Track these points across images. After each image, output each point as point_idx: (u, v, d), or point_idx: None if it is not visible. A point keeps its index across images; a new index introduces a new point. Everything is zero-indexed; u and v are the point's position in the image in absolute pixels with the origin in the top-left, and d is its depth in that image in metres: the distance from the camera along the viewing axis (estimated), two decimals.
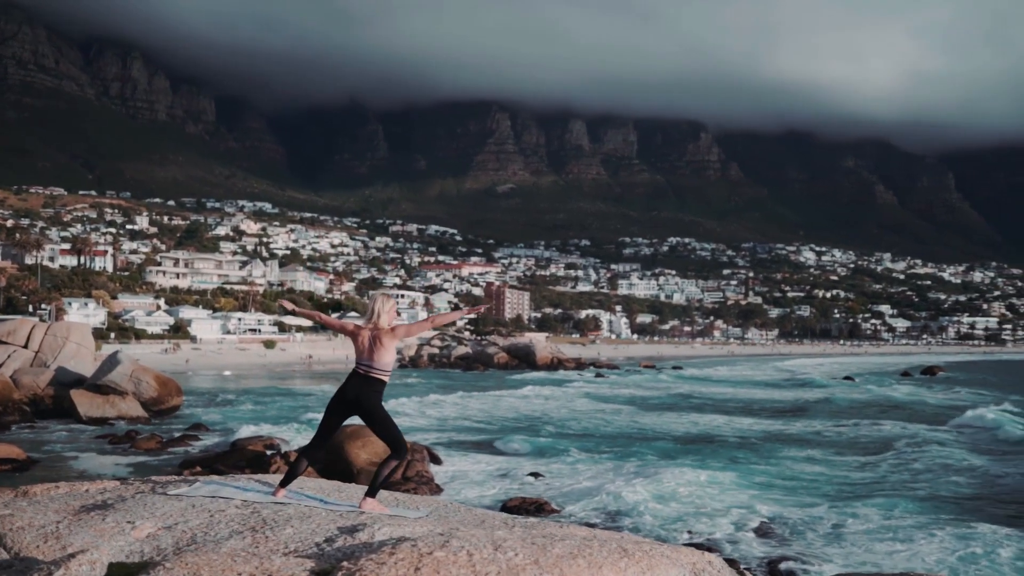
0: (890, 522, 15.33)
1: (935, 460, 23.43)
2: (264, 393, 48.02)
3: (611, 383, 64.07)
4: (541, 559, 3.78)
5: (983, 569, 12.40)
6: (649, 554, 4.15)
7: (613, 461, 22.95)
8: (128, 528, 4.49)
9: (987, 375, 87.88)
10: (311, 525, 4.64)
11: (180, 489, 5.52)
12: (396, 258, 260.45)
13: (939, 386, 65.90)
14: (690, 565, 4.30)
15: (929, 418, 36.10)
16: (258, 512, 4.94)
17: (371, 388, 5.67)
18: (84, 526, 4.46)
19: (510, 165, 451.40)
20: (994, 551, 13.16)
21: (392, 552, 3.66)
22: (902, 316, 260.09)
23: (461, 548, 3.75)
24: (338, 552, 4.10)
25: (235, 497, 5.34)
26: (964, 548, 13.38)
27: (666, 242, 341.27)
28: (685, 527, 15.02)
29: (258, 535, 4.42)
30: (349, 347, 31.07)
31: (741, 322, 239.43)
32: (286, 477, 5.71)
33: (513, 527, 4.96)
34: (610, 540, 4.35)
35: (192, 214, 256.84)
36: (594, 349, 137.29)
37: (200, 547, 4.21)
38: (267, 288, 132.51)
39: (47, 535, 4.27)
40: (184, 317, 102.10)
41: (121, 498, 5.16)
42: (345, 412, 5.73)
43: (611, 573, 3.82)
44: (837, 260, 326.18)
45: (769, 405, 44.56)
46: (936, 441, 27.47)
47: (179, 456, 23.22)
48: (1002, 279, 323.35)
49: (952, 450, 25.39)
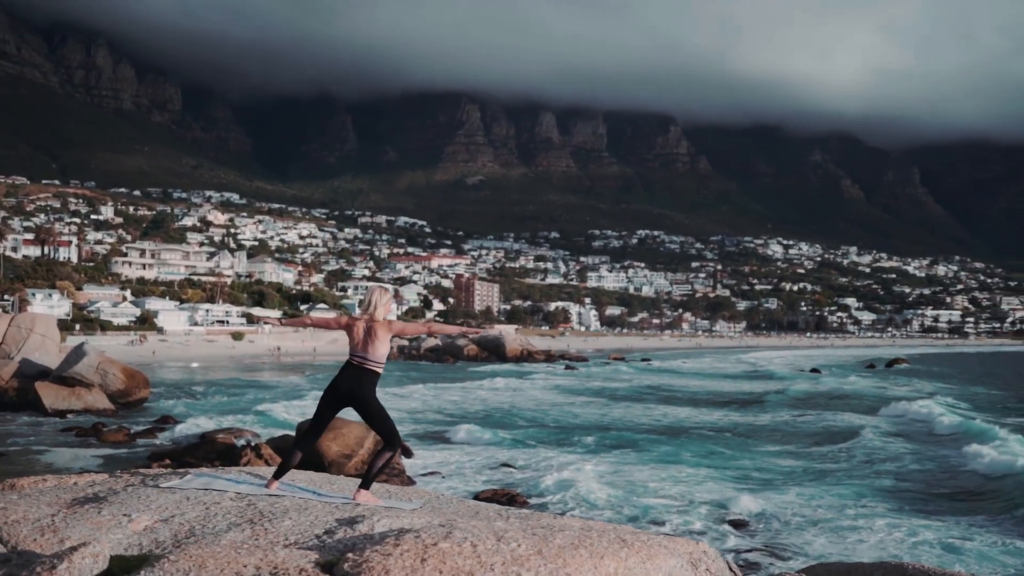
0: (833, 512, 15.71)
1: (876, 450, 24.11)
2: (232, 385, 47.73)
3: (580, 375, 64.34)
4: (544, 549, 3.82)
5: (920, 555, 12.66)
6: (647, 544, 4.21)
7: (584, 453, 23.17)
8: (125, 521, 4.45)
9: (949, 367, 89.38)
10: (309, 517, 4.63)
11: (172, 482, 5.50)
12: (365, 250, 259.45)
13: (902, 378, 66.86)
14: (687, 555, 4.38)
15: (874, 410, 36.67)
16: (254, 504, 4.93)
17: (365, 380, 5.66)
18: (80, 519, 4.42)
19: (480, 157, 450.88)
20: (936, 537, 13.71)
21: (397, 543, 3.67)
22: (868, 309, 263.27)
23: (465, 539, 3.78)
24: (339, 544, 4.10)
25: (229, 489, 5.31)
26: (910, 536, 13.83)
27: (635, 235, 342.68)
28: (654, 518, 15.14)
29: (257, 527, 4.40)
30: (318, 339, 31.28)
31: (709, 315, 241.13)
32: (279, 469, 5.69)
33: (509, 518, 5.00)
34: (607, 531, 4.40)
35: (158, 204, 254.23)
36: (563, 341, 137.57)
37: (199, 540, 4.18)
38: (235, 279, 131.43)
39: (44, 528, 4.23)
40: (151, 308, 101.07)
41: (113, 491, 5.10)
42: (339, 404, 5.72)
43: (612, 563, 3.86)
44: (804, 253, 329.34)
45: (729, 397, 45.04)
46: (878, 431, 28.12)
47: (147, 449, 23.00)
48: (965, 273, 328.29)
49: (889, 440, 26.09)
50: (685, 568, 4.25)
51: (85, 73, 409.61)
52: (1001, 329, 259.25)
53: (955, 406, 37.30)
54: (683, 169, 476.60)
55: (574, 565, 3.76)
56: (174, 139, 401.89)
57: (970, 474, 20.11)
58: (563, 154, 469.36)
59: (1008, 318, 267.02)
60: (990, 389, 54.36)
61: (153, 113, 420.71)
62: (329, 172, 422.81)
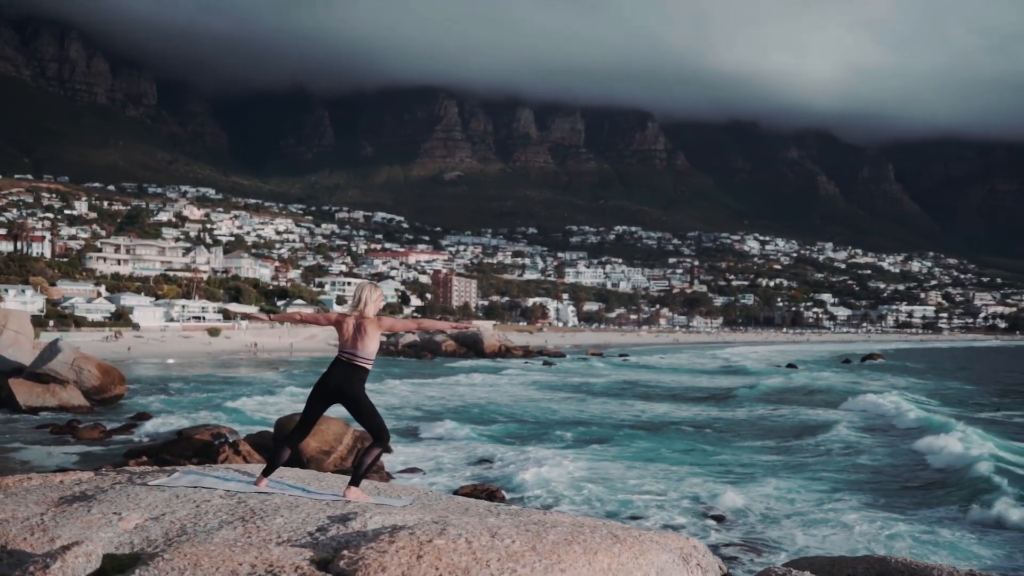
0: (808, 505, 15.95)
1: (844, 444, 24.51)
2: (209, 381, 47.44)
3: (558, 371, 64.48)
4: (538, 545, 3.83)
5: (893, 547, 12.82)
6: (639, 540, 4.23)
7: (562, 448, 23.26)
8: (115, 520, 4.42)
9: (924, 363, 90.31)
10: (301, 514, 4.62)
11: (160, 480, 5.46)
12: (342, 245, 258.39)
13: (876, 373, 67.45)
14: (678, 550, 4.42)
15: (843, 404, 37.15)
16: (244, 502, 4.90)
17: (354, 376, 5.62)
18: (70, 518, 4.39)
19: (457, 152, 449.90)
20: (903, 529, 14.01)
21: (392, 540, 3.68)
22: (843, 304, 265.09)
23: (459, 536, 3.79)
24: (332, 541, 4.09)
25: (218, 487, 5.28)
26: (882, 528, 14.09)
27: (613, 230, 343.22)
28: (633, 513, 15.21)
29: (249, 525, 4.38)
30: (294, 335, 31.15)
31: (686, 310, 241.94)
32: (268, 466, 5.68)
33: (499, 514, 5.00)
34: (599, 527, 4.41)
35: (133, 199, 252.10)
36: (541, 337, 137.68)
37: (191, 538, 4.16)
38: (211, 275, 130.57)
39: (33, 527, 4.19)
40: (126, 304, 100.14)
41: (100, 489, 5.07)
42: (328, 400, 5.70)
43: (606, 559, 3.88)
44: (780, 249, 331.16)
45: (705, 392, 45.35)
46: (846, 425, 28.46)
47: (124, 445, 22.80)
48: (939, 268, 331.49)
49: (856, 434, 26.50)
50: (677, 563, 4.28)
51: (59, 67, 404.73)
52: (974, 324, 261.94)
53: (926, 403, 37.72)
54: (660, 165, 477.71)
55: (568, 561, 3.77)
56: (149, 134, 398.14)
57: (928, 467, 20.50)
58: (541, 150, 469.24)
59: (981, 313, 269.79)
60: (964, 384, 54.99)
61: (128, 107, 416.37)
62: (306, 167, 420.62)
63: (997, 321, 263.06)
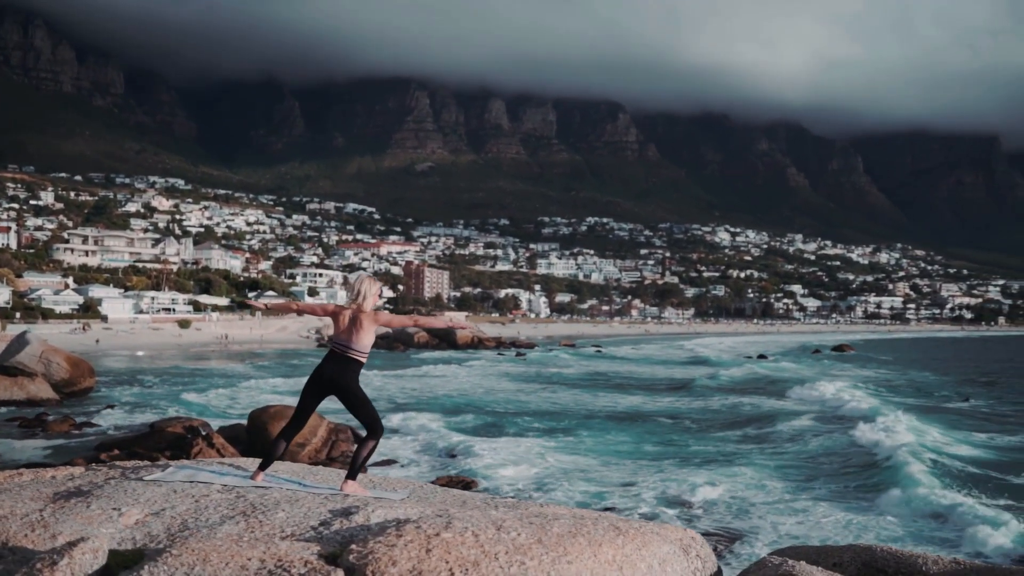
0: (772, 495, 16.32)
1: (795, 433, 25.05)
2: (179, 373, 47.12)
3: (531, 362, 64.69)
4: (543, 538, 3.85)
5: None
6: (641, 531, 4.28)
7: (535, 439, 23.47)
8: (115, 515, 4.37)
9: (893, 353, 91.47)
10: (302, 509, 4.60)
11: (155, 475, 5.40)
12: (313, 236, 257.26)
13: (847, 364, 68.20)
14: (678, 541, 4.47)
15: (799, 395, 37.80)
16: (243, 497, 4.87)
17: (348, 368, 5.59)
18: (68, 514, 4.33)
19: (429, 143, 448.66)
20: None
21: (399, 534, 3.68)
22: (813, 296, 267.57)
23: (466, 529, 3.80)
24: (336, 535, 4.06)
25: (215, 482, 5.25)
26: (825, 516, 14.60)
27: (584, 222, 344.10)
28: (606, 505, 15.28)
29: (251, 520, 4.35)
30: (265, 327, 30.95)
31: (658, 301, 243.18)
32: (264, 461, 5.65)
33: (498, 507, 5.00)
34: (600, 519, 4.45)
35: (101, 190, 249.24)
36: (514, 328, 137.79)
37: (194, 533, 4.12)
38: (181, 266, 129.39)
39: (33, 523, 4.13)
40: (94, 296, 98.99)
41: (95, 485, 5.01)
42: (321, 392, 5.67)
43: (610, 550, 3.92)
44: (751, 241, 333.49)
45: (676, 383, 45.79)
46: (795, 414, 29.15)
47: (95, 439, 22.60)
48: (907, 260, 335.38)
49: (805, 423, 27.09)
50: (677, 554, 4.33)
51: (23, 54, 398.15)
52: (941, 315, 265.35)
53: (886, 395, 38.30)
54: (632, 157, 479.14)
55: (574, 553, 3.80)
56: (116, 123, 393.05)
57: (859, 454, 20.97)
58: (513, 141, 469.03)
59: (947, 304, 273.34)
60: (935, 375, 55.85)
61: (95, 96, 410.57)
62: (276, 158, 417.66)
63: (963, 312, 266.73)
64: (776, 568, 4.47)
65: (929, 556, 5.90)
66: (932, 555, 5.89)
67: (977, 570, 5.66)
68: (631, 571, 3.94)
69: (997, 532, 12.93)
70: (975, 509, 14.25)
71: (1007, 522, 13.35)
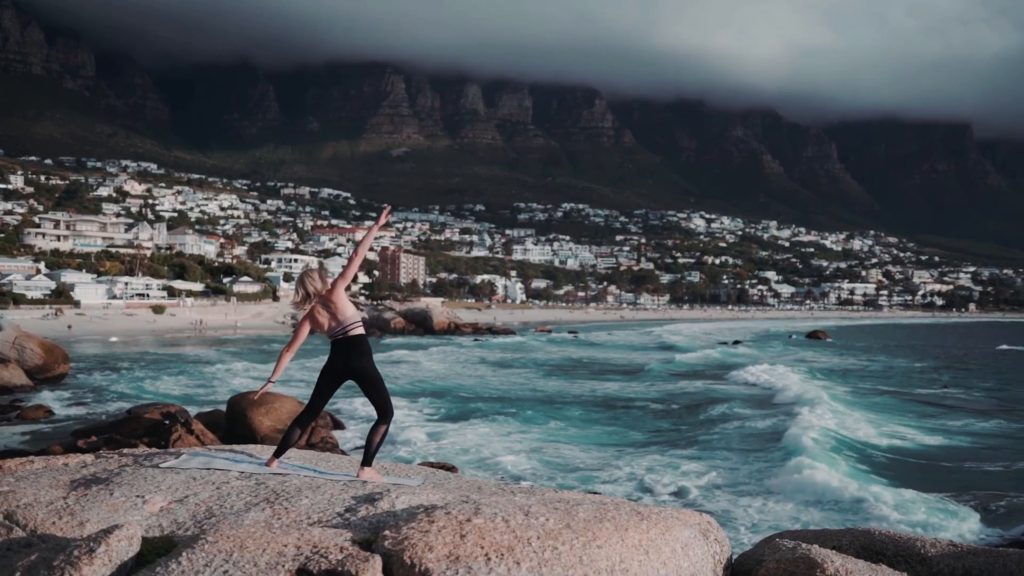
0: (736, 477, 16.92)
1: (720, 416, 25.91)
2: (155, 359, 46.87)
3: (507, 348, 64.89)
4: (571, 523, 3.90)
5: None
6: (662, 516, 4.35)
7: (512, 424, 23.71)
8: (140, 503, 4.37)
9: (867, 340, 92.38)
10: (325, 495, 4.61)
11: (170, 462, 5.38)
12: (288, 222, 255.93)
13: (821, 350, 68.78)
14: (696, 525, 4.56)
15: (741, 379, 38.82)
16: (263, 483, 4.87)
17: (357, 349, 5.56)
18: (92, 501, 4.32)
19: (404, 128, 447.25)
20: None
21: (431, 520, 3.71)
22: (787, 282, 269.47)
23: (496, 515, 3.83)
24: (364, 522, 4.07)
25: (231, 469, 5.25)
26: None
27: (560, 208, 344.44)
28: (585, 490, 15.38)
29: (276, 507, 4.36)
30: (241, 313, 30.77)
31: (633, 287, 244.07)
32: (280, 447, 5.64)
33: (516, 493, 5.02)
34: (621, 505, 4.51)
35: (72, 174, 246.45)
36: (490, 314, 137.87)
37: (221, 520, 4.13)
38: (155, 251, 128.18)
39: (59, 511, 4.12)
40: (67, 281, 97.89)
41: (112, 472, 4.97)
42: (339, 380, 5.64)
43: (636, 535, 3.99)
44: (726, 227, 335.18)
45: (622, 367, 46.70)
46: (729, 398, 30.08)
47: (71, 425, 22.49)
48: (879, 247, 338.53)
49: (733, 405, 28.06)
50: (697, 538, 4.42)
51: None
52: (913, 302, 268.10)
53: (844, 384, 38.71)
54: (608, 143, 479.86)
55: (603, 537, 3.86)
56: (87, 106, 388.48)
57: (774, 437, 21.42)
58: (489, 126, 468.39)
59: (919, 291, 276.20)
60: (912, 362, 56.66)
61: (65, 79, 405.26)
62: (250, 142, 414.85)
63: (935, 299, 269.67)
64: (792, 551, 4.47)
65: (927, 539, 5.95)
66: (929, 538, 5.94)
67: (974, 552, 5.71)
68: (656, 555, 4.01)
69: (870, 519, 13.30)
70: (864, 496, 14.70)
71: (882, 501, 14.10)
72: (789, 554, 4.36)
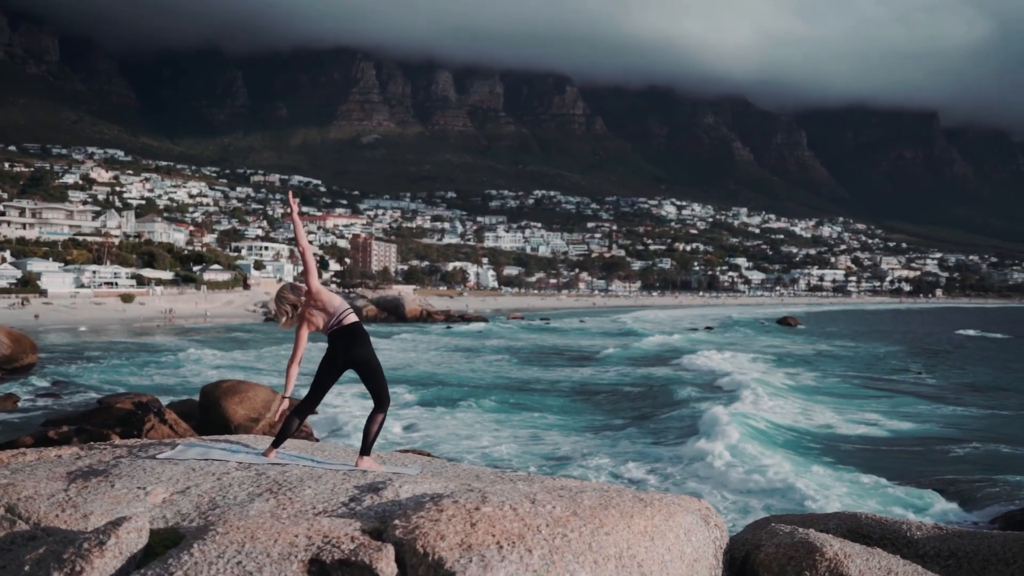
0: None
1: (664, 399, 26.67)
2: (124, 348, 46.41)
3: (480, 335, 65.04)
4: (578, 511, 3.94)
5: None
6: (665, 503, 4.41)
7: (486, 412, 23.80)
8: (141, 494, 4.36)
9: (839, 326, 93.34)
10: (327, 485, 4.61)
11: (166, 452, 5.36)
12: (258, 209, 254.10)
13: (794, 336, 69.37)
14: (697, 511, 4.64)
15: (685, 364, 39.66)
16: (264, 474, 4.86)
17: (354, 339, 5.58)
18: (94, 493, 4.30)
19: (375, 115, 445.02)
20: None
21: (440, 509, 3.73)
22: (757, 269, 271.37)
23: (503, 503, 3.87)
24: (370, 511, 4.07)
25: (229, 459, 5.23)
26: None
27: (532, 195, 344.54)
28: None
29: (280, 497, 4.37)
30: (211, 302, 30.65)
31: (605, 274, 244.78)
32: (278, 437, 5.62)
33: (517, 481, 5.04)
34: (623, 492, 4.57)
35: (36, 161, 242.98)
36: (462, 301, 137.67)
37: (226, 511, 4.14)
38: (123, 240, 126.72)
39: (62, 504, 4.09)
40: (33, 270, 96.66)
41: (108, 464, 4.93)
42: (339, 370, 5.67)
43: (641, 521, 4.05)
44: (697, 214, 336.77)
45: (579, 353, 47.68)
46: (677, 383, 30.84)
47: (40, 415, 22.25)
48: (848, 234, 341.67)
49: (677, 389, 28.81)
50: (699, 523, 4.49)
51: None
52: (881, 288, 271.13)
53: (797, 369, 39.36)
54: (579, 130, 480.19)
55: (610, 524, 3.91)
56: (52, 92, 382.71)
57: (695, 420, 21.79)
58: (460, 113, 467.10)
59: (887, 277, 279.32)
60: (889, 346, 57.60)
61: (28, 63, 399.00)
62: (219, 129, 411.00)
63: (902, 285, 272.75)
64: (791, 535, 4.49)
65: (912, 522, 6.02)
66: (915, 521, 6.01)
67: (959, 535, 5.76)
68: (661, 541, 4.07)
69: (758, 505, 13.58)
70: (771, 476, 15.15)
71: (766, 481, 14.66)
72: (788, 538, 4.38)
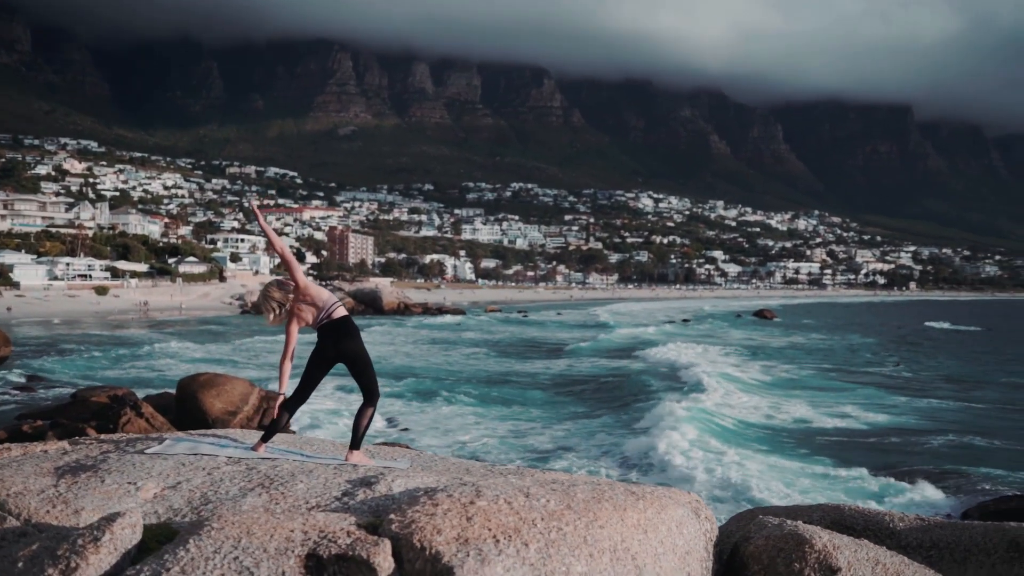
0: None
1: (627, 389, 27.31)
2: (99, 341, 45.97)
3: (458, 328, 65.08)
4: (572, 504, 3.96)
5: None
6: (656, 496, 4.45)
7: (464, 405, 23.88)
8: (132, 489, 4.33)
9: (816, 319, 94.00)
10: (319, 480, 4.59)
11: (154, 447, 5.30)
12: (234, 201, 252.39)
13: (770, 328, 69.81)
14: (688, 504, 4.67)
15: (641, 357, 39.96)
16: (255, 468, 4.83)
17: (344, 333, 5.56)
18: (85, 489, 4.27)
19: (352, 107, 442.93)
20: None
21: (436, 503, 3.74)
22: (734, 261, 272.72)
23: (498, 497, 3.87)
24: (363, 506, 4.07)
25: (218, 454, 5.19)
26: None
27: (509, 187, 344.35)
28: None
29: (272, 492, 4.35)
30: (186, 294, 30.60)
31: (582, 267, 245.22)
32: (267, 432, 5.57)
33: (508, 475, 5.03)
34: (615, 485, 4.59)
35: (8, 151, 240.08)
36: (440, 294, 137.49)
37: (218, 506, 4.12)
38: (97, 232, 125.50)
39: (52, 499, 4.08)
40: (5, 262, 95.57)
41: (96, 459, 4.87)
42: (328, 365, 5.64)
43: (634, 515, 4.08)
44: (674, 207, 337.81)
45: (546, 346, 47.92)
46: (639, 373, 31.60)
47: (14, 409, 22.01)
48: (823, 227, 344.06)
49: (638, 379, 29.58)
50: (690, 516, 4.53)
51: None
52: (856, 280, 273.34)
53: (764, 363, 39.38)
54: (557, 122, 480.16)
55: (604, 518, 3.93)
56: (23, 82, 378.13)
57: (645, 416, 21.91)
58: (437, 105, 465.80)
59: (862, 270, 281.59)
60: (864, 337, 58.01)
61: (0, 54, 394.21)
62: (194, 120, 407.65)
63: (877, 277, 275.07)
64: (779, 528, 4.51)
65: (895, 514, 6.06)
66: (898, 513, 6.05)
67: (941, 526, 5.82)
68: (654, 534, 4.10)
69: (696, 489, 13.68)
70: (715, 467, 15.49)
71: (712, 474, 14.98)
72: (777, 531, 4.41)
